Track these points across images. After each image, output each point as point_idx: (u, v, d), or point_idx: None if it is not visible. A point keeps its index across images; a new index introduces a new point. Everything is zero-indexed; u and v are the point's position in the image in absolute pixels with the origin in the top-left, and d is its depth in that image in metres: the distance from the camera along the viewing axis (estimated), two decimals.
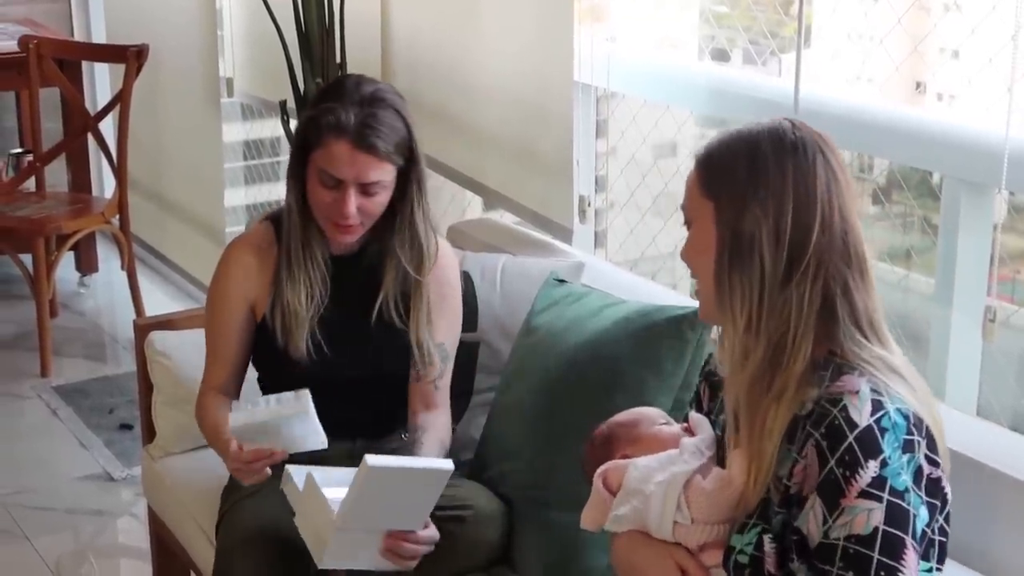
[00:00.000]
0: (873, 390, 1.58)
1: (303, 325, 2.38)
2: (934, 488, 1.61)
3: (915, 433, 1.58)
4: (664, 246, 3.49)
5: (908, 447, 1.57)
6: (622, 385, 2.29)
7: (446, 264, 2.49)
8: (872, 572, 1.53)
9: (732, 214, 1.65)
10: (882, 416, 1.57)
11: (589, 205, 3.27)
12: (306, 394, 2.23)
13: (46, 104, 4.84)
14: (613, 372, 2.30)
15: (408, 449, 2.42)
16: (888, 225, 3.08)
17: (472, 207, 4.08)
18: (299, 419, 2.21)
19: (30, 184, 4.87)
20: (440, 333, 2.46)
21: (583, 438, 2.30)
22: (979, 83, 2.53)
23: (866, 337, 1.64)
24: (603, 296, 2.51)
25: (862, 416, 1.56)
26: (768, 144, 1.66)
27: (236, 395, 2.49)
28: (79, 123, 4.78)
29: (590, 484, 1.86)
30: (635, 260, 3.52)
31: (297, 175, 2.37)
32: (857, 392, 1.58)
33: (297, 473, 2.14)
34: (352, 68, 3.55)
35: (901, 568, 1.54)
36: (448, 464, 2.11)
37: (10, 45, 4.75)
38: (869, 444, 1.55)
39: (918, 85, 2.80)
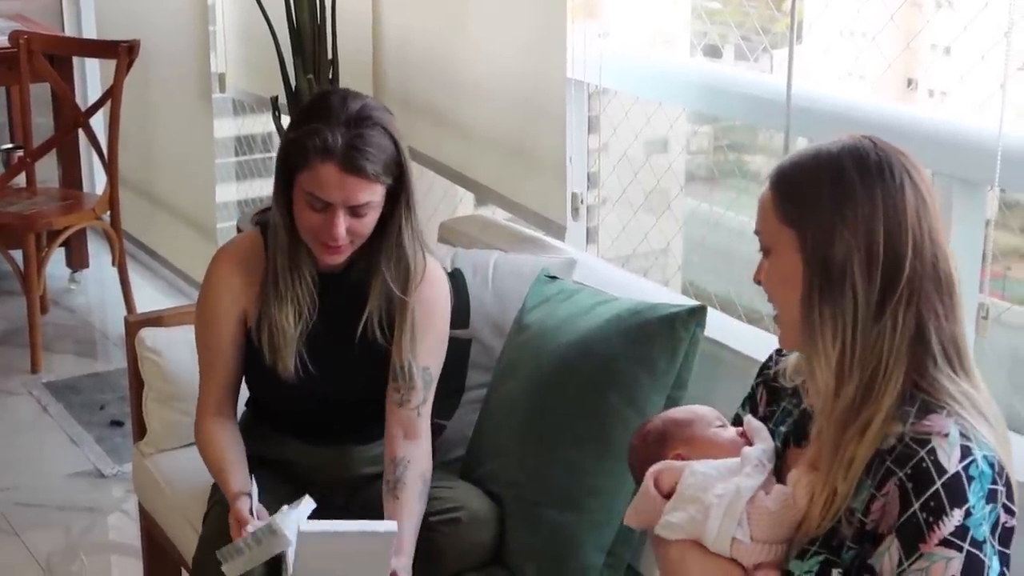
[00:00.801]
0: (962, 434, 1.53)
1: (291, 344, 2.35)
2: (1007, 538, 1.57)
3: (998, 482, 1.54)
4: (656, 243, 3.49)
5: (992, 497, 1.53)
6: (615, 383, 2.28)
7: (434, 285, 2.41)
8: None
9: (820, 244, 1.57)
10: (970, 463, 1.52)
11: (582, 202, 3.26)
12: (279, 527, 2.14)
13: (37, 100, 4.83)
14: (606, 370, 2.30)
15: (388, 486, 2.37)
16: None
17: (464, 203, 4.07)
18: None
19: (20, 180, 4.86)
20: (424, 356, 2.39)
21: (575, 437, 2.31)
22: (971, 80, 2.52)
23: (953, 369, 1.59)
24: (595, 293, 2.51)
25: (951, 462, 1.51)
26: (852, 166, 1.58)
27: (233, 413, 2.46)
28: (70, 119, 4.77)
29: (636, 479, 1.80)
30: (627, 256, 3.52)
31: (282, 195, 2.31)
32: (947, 435, 1.52)
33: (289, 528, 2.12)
34: (344, 64, 3.55)
35: None
36: (390, 525, 2.09)
37: (1, 40, 4.74)
38: (956, 492, 1.50)
39: (910, 82, 2.79)
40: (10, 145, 5.10)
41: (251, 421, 2.54)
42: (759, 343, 2.39)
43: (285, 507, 2.16)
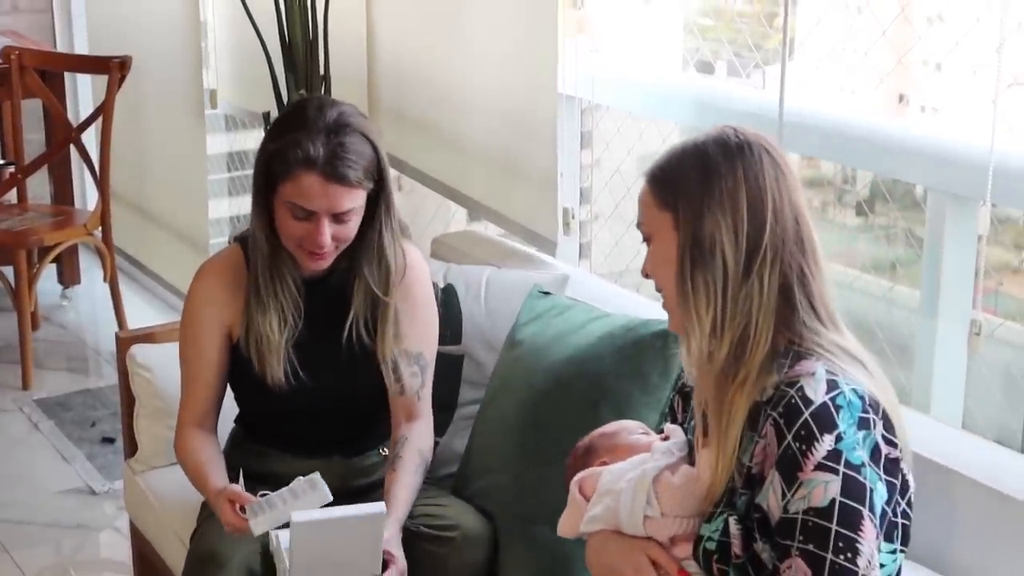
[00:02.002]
0: (829, 371, 1.65)
1: (277, 352, 2.36)
2: (893, 468, 1.66)
3: (870, 412, 1.64)
4: None
5: (863, 424, 1.63)
6: (607, 399, 2.28)
7: (413, 274, 2.44)
8: (831, 543, 1.58)
9: (691, 220, 1.71)
10: (837, 395, 1.63)
11: (573, 217, 3.26)
12: (319, 481, 2.18)
13: (28, 116, 4.82)
14: (598, 386, 2.29)
15: (381, 467, 2.42)
16: (872, 237, 3.08)
17: (456, 218, 4.07)
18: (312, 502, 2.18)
19: (12, 196, 4.85)
20: (415, 343, 2.42)
21: (568, 453, 2.30)
22: (963, 95, 2.53)
23: (823, 323, 1.71)
24: (588, 309, 2.51)
25: (817, 394, 1.62)
26: (716, 149, 1.73)
27: (213, 427, 2.46)
28: (62, 135, 4.76)
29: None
30: (620, 272, 3.52)
31: (262, 205, 2.31)
32: (813, 374, 1.64)
33: (282, 536, 2.13)
34: (336, 80, 3.55)
35: (859, 539, 1.58)
36: (379, 507, 2.11)
37: None
38: (824, 419, 1.61)
39: (901, 97, 2.80)
40: (1, 161, 5.09)
41: (241, 437, 2.54)
42: None
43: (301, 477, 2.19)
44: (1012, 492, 1.97)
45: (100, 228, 4.62)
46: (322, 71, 3.51)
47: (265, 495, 2.18)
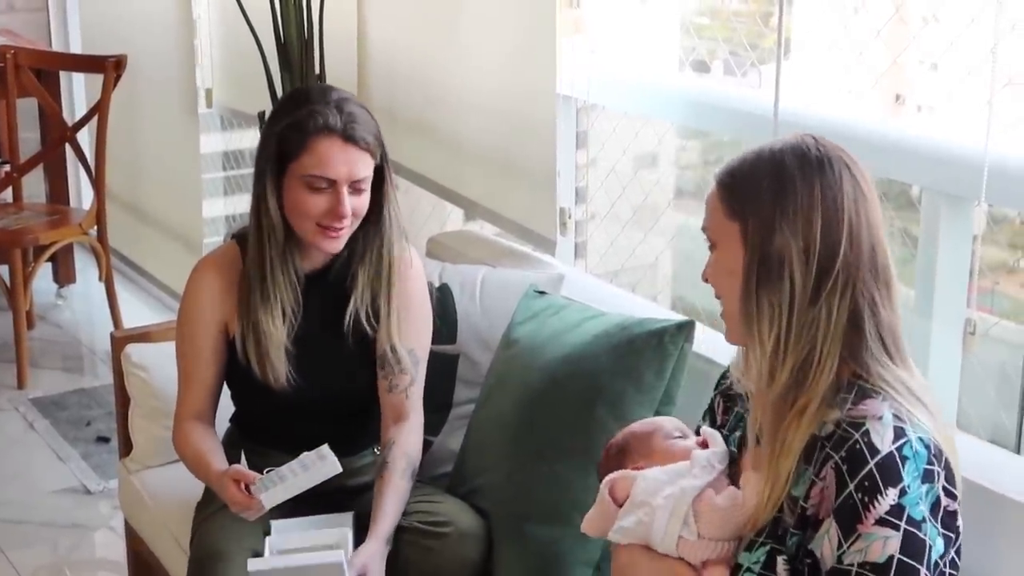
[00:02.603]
0: (896, 416, 1.57)
1: (278, 347, 2.36)
2: (950, 521, 1.60)
3: (935, 463, 1.57)
4: (644, 257, 3.49)
5: (928, 477, 1.56)
6: (603, 398, 2.28)
7: (408, 271, 2.46)
8: None
9: (761, 235, 1.62)
10: (904, 444, 1.55)
11: (570, 217, 3.26)
12: (328, 453, 2.20)
13: (24, 114, 4.82)
14: (594, 385, 2.29)
15: (372, 469, 2.42)
16: None
17: (453, 218, 4.07)
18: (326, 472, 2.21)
19: (7, 195, 4.85)
20: (409, 338, 2.43)
21: (563, 452, 2.30)
22: (958, 95, 2.53)
23: (890, 357, 1.63)
24: (583, 308, 2.51)
25: (884, 442, 1.55)
26: (793, 162, 1.64)
27: (211, 422, 2.46)
28: (57, 134, 4.76)
29: None
30: (616, 271, 3.52)
31: (272, 189, 2.32)
32: (880, 417, 1.56)
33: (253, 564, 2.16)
34: (331, 79, 3.54)
35: None
36: (338, 556, 2.12)
37: None
38: (890, 471, 1.54)
39: (898, 97, 2.80)
40: None
41: (236, 437, 2.54)
42: None
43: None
44: (1006, 492, 1.96)
45: (95, 227, 4.62)
46: (317, 70, 3.51)
47: (272, 471, 2.18)
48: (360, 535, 2.31)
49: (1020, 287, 2.73)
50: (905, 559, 1.52)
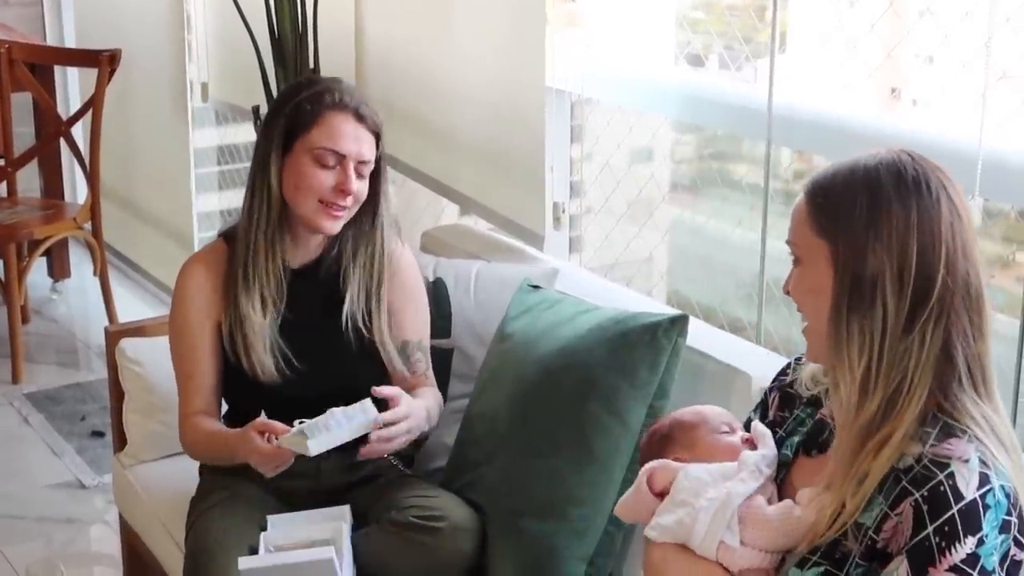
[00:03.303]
0: (982, 461, 1.52)
1: (261, 334, 2.37)
2: (1015, 571, 1.56)
3: (1012, 513, 1.53)
4: (639, 252, 3.49)
5: (1005, 527, 1.52)
6: (596, 393, 2.27)
7: (405, 265, 2.51)
8: None
9: (852, 257, 1.56)
10: (988, 492, 1.51)
11: (563, 211, 3.26)
12: (371, 408, 2.22)
13: (18, 109, 4.81)
14: (587, 379, 2.29)
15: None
16: None
17: (448, 213, 4.07)
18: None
19: (1, 189, 4.84)
20: (417, 330, 2.50)
21: (557, 446, 2.30)
22: (953, 89, 2.53)
23: (977, 390, 1.57)
24: (577, 303, 2.51)
25: (969, 488, 1.50)
26: (889, 181, 1.57)
27: (217, 416, 2.46)
28: (51, 128, 4.75)
29: None
30: (610, 266, 3.51)
31: (278, 169, 2.36)
32: (967, 461, 1.51)
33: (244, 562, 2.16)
34: (326, 73, 3.53)
35: None
36: (328, 552, 2.13)
37: None
38: (972, 519, 1.49)
39: (893, 90, 2.80)
40: None
41: None
42: (742, 353, 2.39)
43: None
44: None
45: (90, 222, 4.61)
46: (312, 65, 3.50)
47: (303, 422, 2.18)
48: (356, 528, 2.31)
49: (1015, 281, 2.73)
50: None
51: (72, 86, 5.61)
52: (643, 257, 3.53)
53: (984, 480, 1.50)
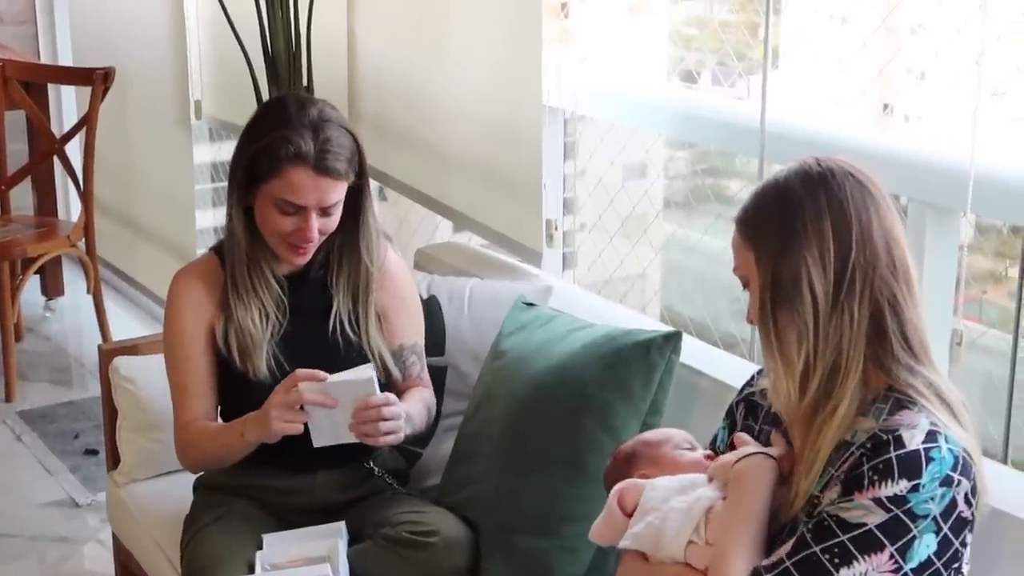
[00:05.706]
0: (932, 424, 1.58)
1: (259, 347, 2.37)
2: (960, 527, 1.60)
3: (960, 473, 1.58)
4: (632, 268, 3.49)
5: (947, 481, 1.56)
6: (590, 409, 2.28)
7: (396, 270, 2.51)
8: (829, 545, 1.56)
9: (771, 255, 1.65)
10: (934, 448, 1.56)
11: (557, 228, 3.26)
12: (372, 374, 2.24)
13: (12, 126, 4.81)
14: (581, 396, 2.29)
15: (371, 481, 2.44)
16: None
17: (442, 230, 4.07)
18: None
19: None
20: (408, 334, 2.50)
21: (551, 463, 2.30)
22: (945, 106, 2.54)
23: (915, 356, 1.64)
24: (571, 320, 2.51)
25: (913, 442, 1.56)
26: (796, 182, 1.67)
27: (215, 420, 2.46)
28: (45, 146, 4.75)
29: None
30: (604, 282, 3.52)
31: (241, 203, 2.35)
32: (915, 426, 1.58)
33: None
34: (319, 92, 3.54)
35: (860, 560, 1.55)
36: (323, 570, 2.16)
37: None
38: (911, 465, 1.55)
39: (886, 107, 2.81)
40: None
41: None
42: (735, 369, 2.39)
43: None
44: (993, 503, 1.96)
45: (84, 239, 4.61)
46: (305, 82, 3.51)
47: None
48: (351, 545, 2.31)
49: (1007, 296, 2.73)
50: (877, 533, 1.55)
51: (67, 104, 5.61)
52: (636, 273, 3.53)
53: (931, 437, 1.57)
